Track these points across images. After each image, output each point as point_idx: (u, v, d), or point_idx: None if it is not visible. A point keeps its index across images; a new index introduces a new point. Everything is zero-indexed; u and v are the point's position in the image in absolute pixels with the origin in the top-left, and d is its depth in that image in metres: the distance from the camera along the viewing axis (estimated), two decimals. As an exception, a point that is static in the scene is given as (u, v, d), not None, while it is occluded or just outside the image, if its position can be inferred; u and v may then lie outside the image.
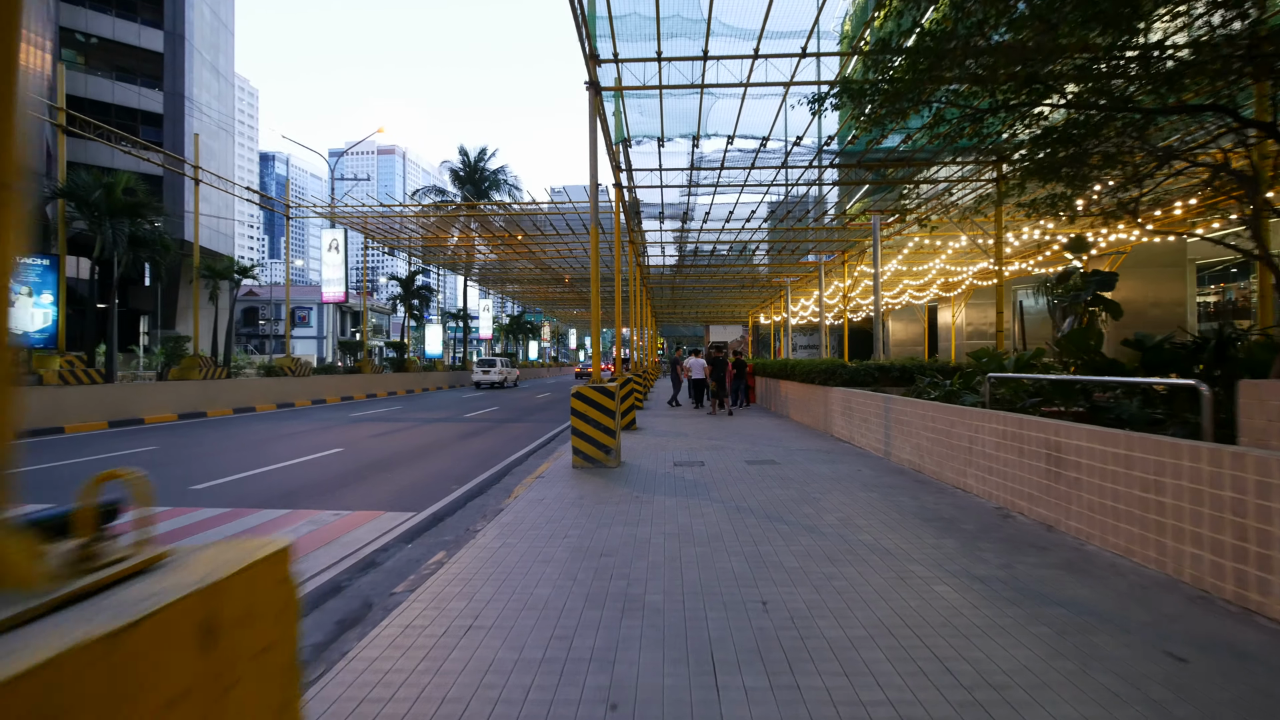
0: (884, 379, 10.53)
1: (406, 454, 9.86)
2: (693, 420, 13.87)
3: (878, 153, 11.87)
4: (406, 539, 5.20)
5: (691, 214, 16.51)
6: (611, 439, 7.77)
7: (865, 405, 9.01)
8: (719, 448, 9.47)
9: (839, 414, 10.33)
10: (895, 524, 4.92)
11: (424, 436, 12.15)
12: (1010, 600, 3.34)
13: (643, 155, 12.02)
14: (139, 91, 38.12)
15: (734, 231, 18.40)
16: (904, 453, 7.55)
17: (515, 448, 10.67)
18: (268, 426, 13.85)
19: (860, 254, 20.51)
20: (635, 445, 9.83)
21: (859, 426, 9.28)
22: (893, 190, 15.07)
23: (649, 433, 11.56)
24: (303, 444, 10.94)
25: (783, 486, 6.47)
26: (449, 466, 8.73)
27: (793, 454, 8.73)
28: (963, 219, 14.49)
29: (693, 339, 78.63)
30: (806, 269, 26.06)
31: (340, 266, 24.68)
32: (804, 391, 12.74)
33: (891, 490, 6.19)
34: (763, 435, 11.02)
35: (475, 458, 9.56)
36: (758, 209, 16.00)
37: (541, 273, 34.25)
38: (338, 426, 13.85)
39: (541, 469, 7.91)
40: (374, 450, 10.23)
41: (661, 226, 18.20)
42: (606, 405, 7.75)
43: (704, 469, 7.62)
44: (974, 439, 5.86)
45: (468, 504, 6.49)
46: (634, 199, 16.09)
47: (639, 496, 6.11)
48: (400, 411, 17.93)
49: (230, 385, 17.14)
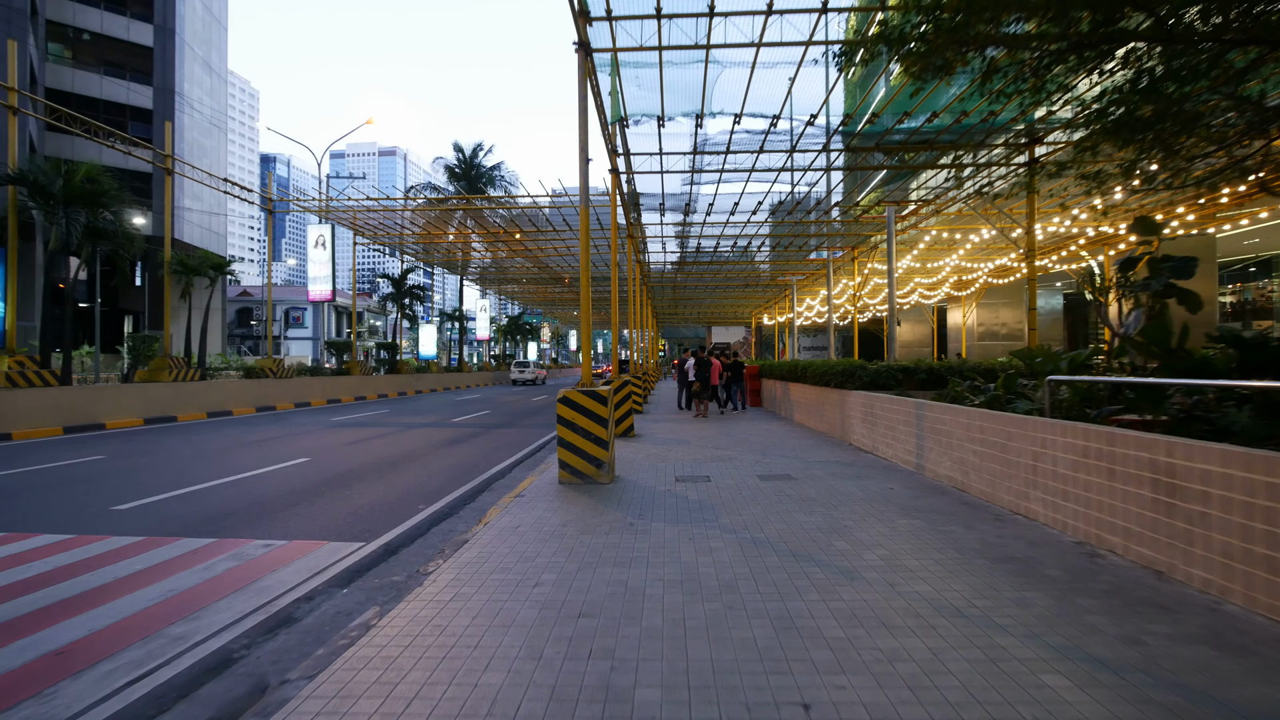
0: (909, 382, 9.50)
1: (378, 465, 8.85)
2: (696, 426, 12.85)
3: (897, 135, 10.85)
4: (343, 581, 4.18)
5: (694, 205, 15.50)
6: (604, 451, 6.75)
7: (892, 412, 7.98)
8: (726, 458, 8.45)
9: (859, 421, 9.30)
10: (957, 566, 3.89)
11: (403, 444, 11.14)
12: (1172, 712, 2.31)
13: (641, 138, 11.03)
14: (128, 86, 37.26)
15: (739, 225, 17.39)
16: (942, 467, 6.52)
17: (500, 457, 9.65)
18: (239, 432, 12.85)
19: (872, 249, 19.50)
20: (632, 456, 8.81)
21: (884, 435, 8.25)
22: (910, 179, 14.05)
23: (648, 440, 10.54)
24: (267, 453, 9.93)
25: (805, 510, 5.44)
26: (421, 481, 7.72)
27: (810, 467, 7.70)
28: (987, 209, 13.45)
29: (694, 340, 77.67)
30: (814, 267, 25.04)
31: (328, 264, 23.70)
32: (817, 395, 11.72)
33: (938, 516, 5.16)
34: (773, 444, 9.99)
35: (453, 470, 8.54)
36: (764, 200, 14.98)
37: (540, 271, 33.27)
38: (313, 432, 12.85)
39: (524, 484, 6.90)
40: (343, 460, 9.22)
41: (662, 220, 17.20)
42: (598, 412, 6.73)
43: (710, 486, 6.59)
44: (1040, 455, 4.82)
45: (431, 530, 5.47)
46: (633, 190, 15.09)
47: (634, 523, 5.08)
48: (386, 416, 16.93)
49: (205, 388, 16.15)
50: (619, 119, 10.16)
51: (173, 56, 38.63)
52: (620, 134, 10.74)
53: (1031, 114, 10.34)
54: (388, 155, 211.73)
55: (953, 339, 36.28)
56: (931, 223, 16.27)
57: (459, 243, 29.30)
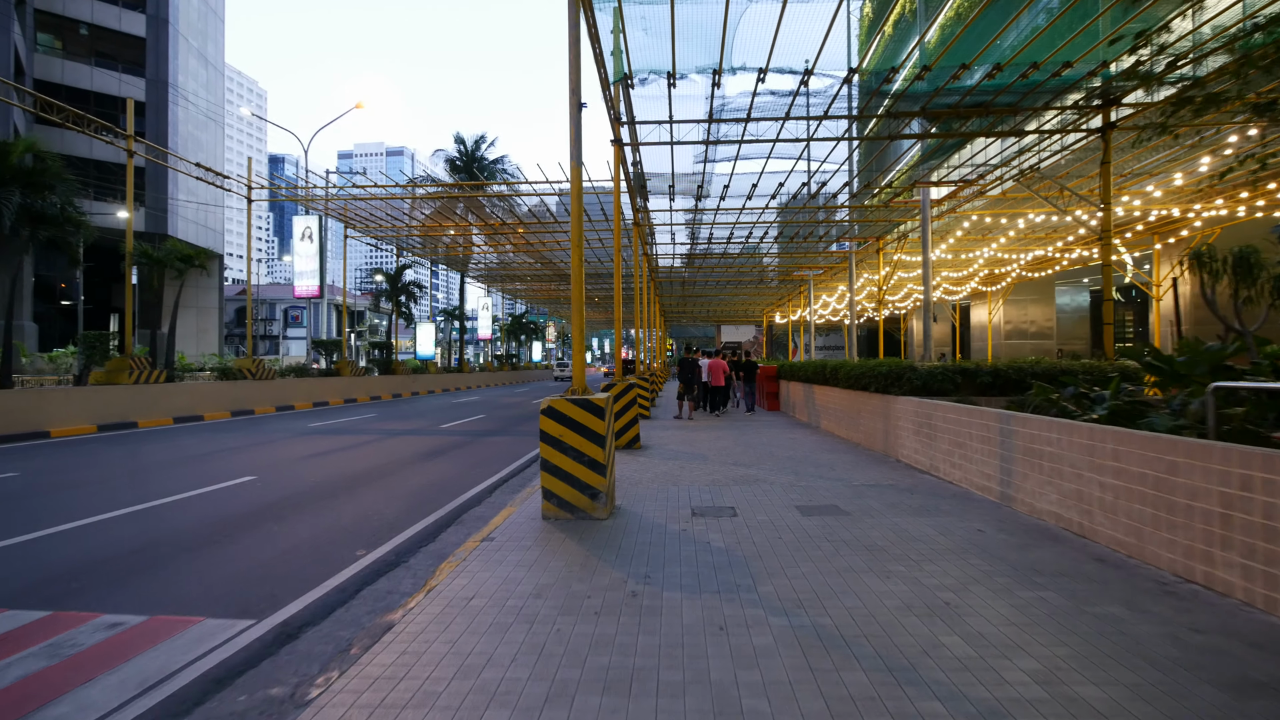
0: (969, 386, 7.94)
1: (334, 485, 7.40)
2: (711, 435, 11.32)
3: (948, 96, 9.26)
4: (188, 701, 2.70)
5: (707, 189, 13.96)
6: (600, 477, 5.24)
7: (961, 424, 6.42)
8: (752, 480, 6.92)
9: (910, 433, 7.74)
10: (1171, 704, 2.35)
11: (376, 456, 9.69)
12: None
13: (648, 103, 9.51)
14: (119, 78, 36.16)
15: (755, 212, 15.84)
16: (1044, 502, 4.97)
17: (482, 475, 8.17)
18: (196, 441, 11.45)
19: (901, 239, 17.88)
20: (637, 475, 7.30)
21: (947, 453, 6.69)
22: (950, 155, 12.43)
23: (656, 454, 9.03)
24: (211, 469, 8.50)
25: (875, 568, 3.91)
26: (377, 509, 6.25)
27: (860, 494, 6.16)
28: (1044, 185, 11.81)
29: (703, 340, 76.13)
30: (833, 260, 23.43)
31: (314, 258, 22.33)
32: (850, 401, 10.17)
33: (1074, 585, 3.61)
34: (805, 458, 8.44)
35: (422, 492, 7.07)
36: (786, 181, 13.42)
37: (543, 268, 31.82)
38: (280, 441, 11.43)
39: (500, 518, 5.41)
40: (295, 479, 7.77)
41: (671, 206, 15.68)
42: (593, 428, 5.23)
43: (737, 523, 5.08)
44: (1237, 501, 3.27)
45: (359, 594, 3.99)
46: (639, 173, 13.59)
47: (637, 592, 3.58)
48: (370, 421, 15.52)
49: (172, 390, 14.79)
50: (622, 77, 8.65)
51: (166, 47, 37.51)
52: (624, 97, 9.23)
53: (1107, 70, 8.75)
54: (395, 155, 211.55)
55: (976, 338, 34.49)
56: (971, 206, 14.64)
57: (459, 237, 27.91)
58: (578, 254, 5.52)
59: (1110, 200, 9.18)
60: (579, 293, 5.51)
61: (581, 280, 5.54)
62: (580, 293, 5.51)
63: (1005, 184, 12.41)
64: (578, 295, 5.51)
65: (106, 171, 36.31)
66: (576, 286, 5.52)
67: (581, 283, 5.54)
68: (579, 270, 5.51)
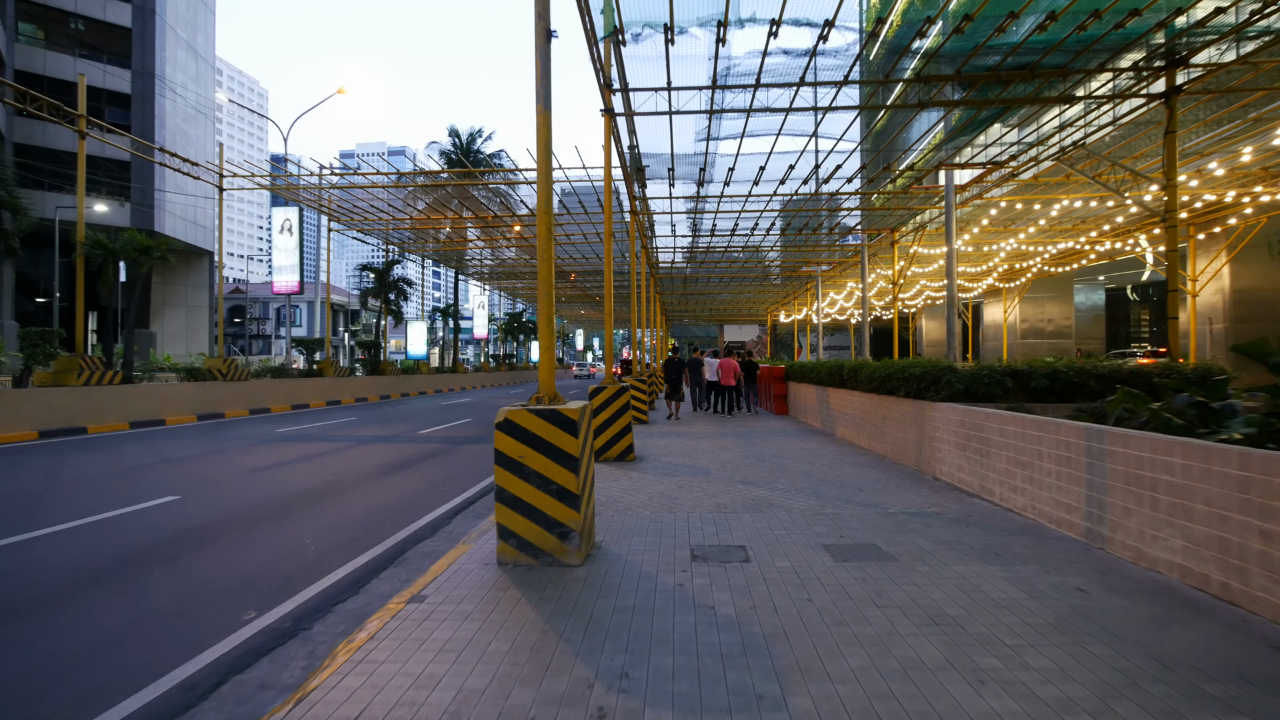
0: (1020, 391, 6.71)
1: (267, 508, 6.20)
2: (714, 444, 10.11)
3: (991, 52, 8.02)
4: None
5: (710, 173, 12.75)
6: (573, 511, 4.04)
7: (1023, 439, 5.20)
8: (764, 503, 5.71)
9: (952, 446, 6.52)
10: None
11: (334, 469, 8.50)
12: None
13: (644, 64, 8.30)
14: (104, 69, 35.08)
15: (763, 199, 14.62)
16: (1163, 549, 3.74)
17: (450, 492, 6.97)
18: (142, 450, 10.28)
19: (918, 230, 16.64)
20: (626, 497, 6.09)
21: (1006, 473, 5.47)
22: (977, 134, 11.20)
23: (651, 468, 7.82)
24: (133, 487, 7.31)
25: (957, 663, 2.69)
26: (303, 543, 5.05)
27: (903, 527, 4.94)
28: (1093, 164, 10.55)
29: (705, 340, 74.97)
30: (844, 254, 22.20)
31: (294, 252, 21.17)
32: (874, 407, 8.95)
33: (1272, 701, 2.39)
34: (825, 474, 7.22)
35: (368, 518, 5.87)
36: (797, 162, 12.20)
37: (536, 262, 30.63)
38: (233, 451, 10.24)
39: (445, 560, 4.22)
40: (223, 501, 6.58)
41: (671, 194, 14.47)
42: (563, 448, 4.03)
43: (751, 574, 3.86)
44: None
45: (215, 692, 2.78)
46: (635, 156, 12.40)
47: (605, 713, 2.36)
48: (346, 426, 14.34)
49: (129, 393, 13.63)
50: (612, 32, 7.45)
51: (153, 38, 36.47)
52: (615, 59, 8.03)
53: (1172, 25, 7.53)
54: (396, 154, 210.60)
55: (990, 337, 33.16)
56: (999, 193, 13.41)
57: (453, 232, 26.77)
58: (545, 223, 4.31)
59: (1175, 176, 7.94)
60: (547, 272, 4.31)
61: (550, 257, 4.34)
62: (548, 272, 4.31)
63: (1042, 164, 11.16)
64: (545, 274, 4.31)
65: (95, 166, 35.26)
66: (544, 264, 4.31)
67: (550, 259, 4.34)
68: (547, 243, 4.31)
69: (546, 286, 4.33)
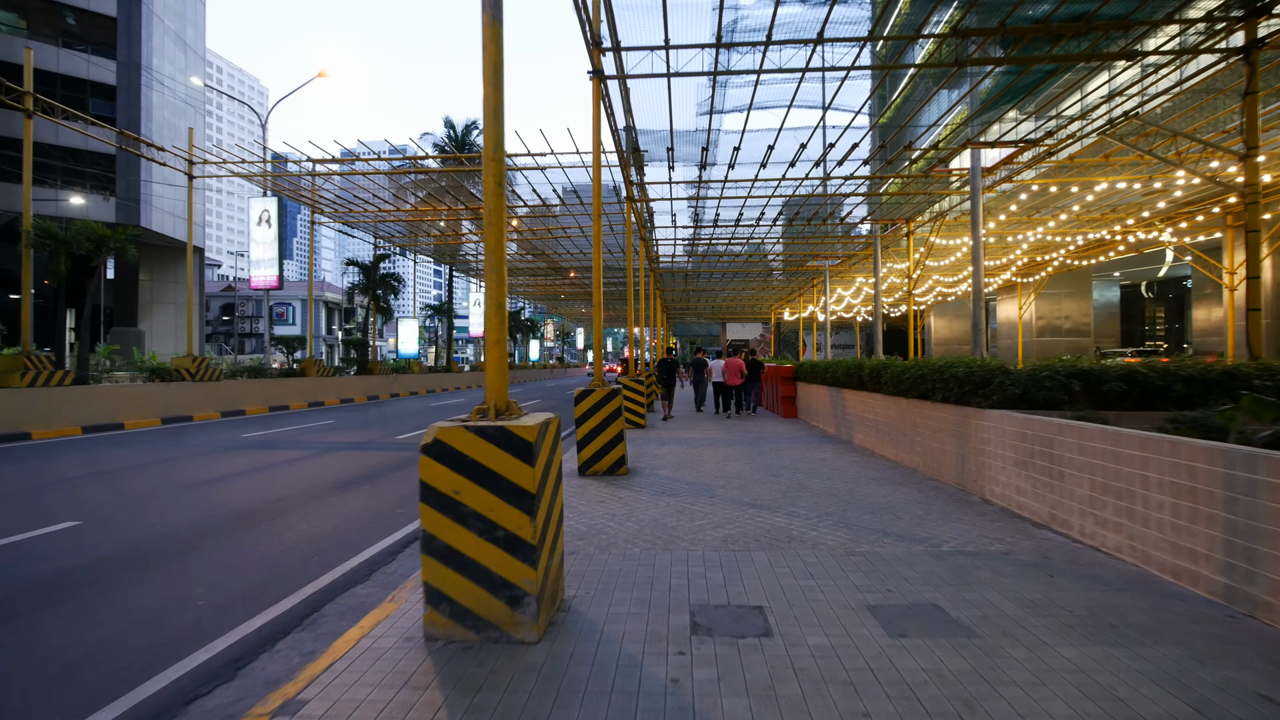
0: (1086, 396, 5.58)
1: (177, 539, 5.10)
2: (719, 454, 8.98)
3: (1040, 1, 6.87)
4: None
5: (713, 152, 11.62)
6: (528, 569, 2.92)
7: (1117, 459, 4.06)
8: (783, 536, 4.58)
9: (1008, 463, 5.38)
10: None
11: (282, 484, 7.40)
12: None
13: (637, 18, 7.18)
14: (89, 60, 34.08)
15: (770, 185, 13.47)
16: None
17: (400, 519, 5.84)
18: (74, 460, 9.20)
19: (935, 219, 15.46)
20: (615, 525, 4.97)
21: (1091, 501, 4.34)
22: (1016, 101, 10.04)
23: (645, 483, 6.70)
24: (35, 508, 6.21)
25: None
26: (201, 590, 3.94)
27: (965, 575, 3.80)
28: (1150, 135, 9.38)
29: (707, 339, 73.84)
30: (853, 246, 21.04)
31: (272, 245, 20.10)
32: (903, 412, 7.82)
33: None
34: (850, 493, 6.09)
35: (296, 552, 4.77)
36: (809, 141, 11.06)
37: (534, 259, 29.54)
38: (179, 461, 9.15)
39: (361, 629, 3.11)
40: (129, 528, 5.49)
41: (671, 178, 13.34)
42: (514, 480, 2.92)
43: (774, 660, 2.73)
44: None
45: None
46: (632, 138, 11.28)
47: None
48: (320, 430, 13.25)
49: (83, 395, 12.56)
50: (599, -27, 6.32)
51: (139, 28, 35.41)
52: (605, 10, 6.90)
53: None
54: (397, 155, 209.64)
55: (1004, 335, 31.88)
56: (1031, 175, 12.24)
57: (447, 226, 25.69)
58: (494, 172, 3.20)
59: (1258, 141, 6.78)
60: (496, 239, 3.20)
61: (500, 220, 3.23)
62: (498, 238, 3.20)
63: (1085, 139, 9.99)
64: (494, 241, 3.20)
65: (79, 159, 34.29)
66: (492, 228, 3.20)
67: (500, 223, 3.22)
68: (496, 200, 3.20)
69: (496, 258, 3.21)
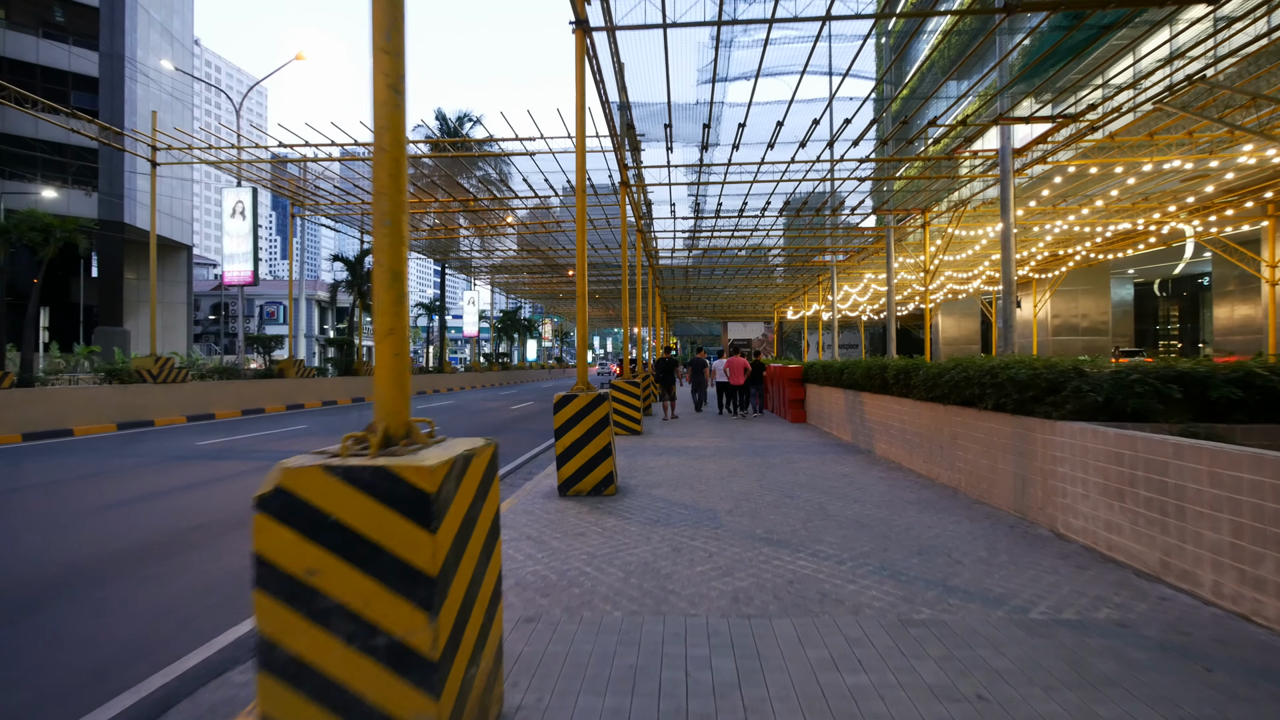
0: (1188, 405, 4.43)
1: (46, 580, 3.98)
2: (722, 463, 7.83)
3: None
4: None
5: (716, 128, 10.49)
6: (427, 701, 1.79)
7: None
8: (814, 592, 3.43)
9: (1094, 490, 4.24)
10: None
11: (206, 508, 6.27)
12: None
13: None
14: (70, 50, 33.03)
15: (778, 169, 12.35)
16: None
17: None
18: (-5, 474, 8.10)
19: (954, 208, 14.32)
20: (588, 574, 3.83)
21: (1234, 554, 3.20)
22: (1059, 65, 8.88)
23: (638, 507, 5.56)
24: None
25: None
26: (33, 669, 2.82)
27: (1085, 665, 2.67)
28: (1230, 95, 8.23)
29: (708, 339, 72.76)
30: (863, 239, 19.90)
31: (247, 238, 18.97)
32: (939, 421, 6.69)
33: None
34: (888, 524, 4.96)
35: (173, 613, 3.65)
36: (824, 114, 9.92)
37: (529, 255, 28.42)
38: (107, 475, 8.03)
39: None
40: (2, 562, 4.37)
41: (669, 161, 12.21)
42: (402, 555, 1.79)
43: None
44: None
45: None
46: (625, 115, 10.16)
47: None
48: (286, 437, 12.14)
49: (26, 399, 11.46)
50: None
51: (123, 18, 34.37)
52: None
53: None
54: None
55: (1017, 334, 30.77)
56: (1066, 155, 11.09)
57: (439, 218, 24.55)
58: (386, 70, 2.07)
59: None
60: (390, 170, 2.07)
61: (397, 150, 2.11)
62: (394, 171, 2.08)
63: (1138, 109, 8.82)
64: (386, 177, 2.07)
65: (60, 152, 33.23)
66: (385, 161, 2.08)
67: (397, 155, 2.10)
68: (391, 114, 2.07)
69: (390, 203, 2.09)
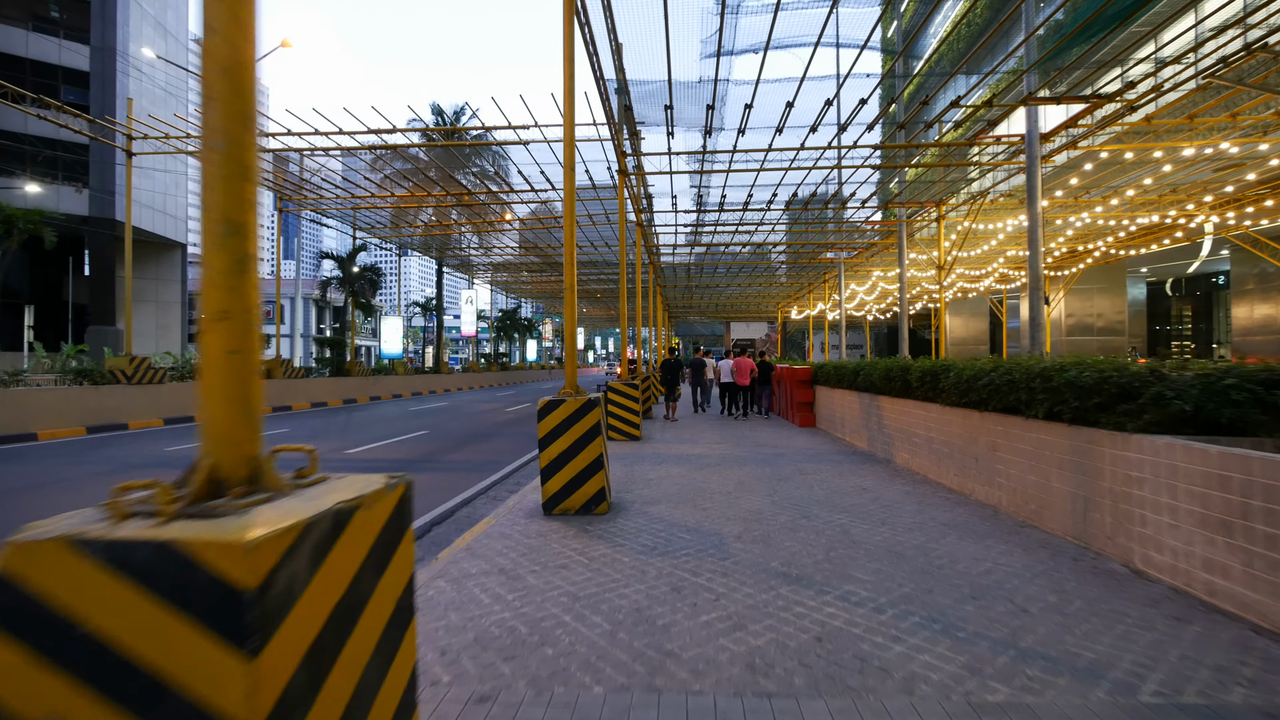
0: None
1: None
2: (728, 474, 7.07)
3: None
4: None
5: (721, 110, 9.73)
6: None
7: None
8: (850, 656, 2.66)
9: (1185, 521, 3.47)
10: None
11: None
12: None
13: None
14: (60, 44, 32.42)
15: (787, 156, 11.58)
16: None
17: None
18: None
19: (972, 200, 13.54)
20: (564, 625, 3.05)
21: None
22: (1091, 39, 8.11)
23: (630, 530, 4.80)
24: None
25: None
26: None
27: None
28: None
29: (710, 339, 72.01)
30: (874, 233, 19.11)
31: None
32: (975, 429, 5.93)
33: None
34: (928, 554, 4.20)
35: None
36: (836, 99, 9.16)
37: (526, 252, 27.69)
38: (46, 487, 7.31)
39: None
40: None
41: (670, 146, 11.46)
42: (204, 699, 1.03)
43: None
44: None
45: None
46: (624, 104, 9.42)
47: None
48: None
49: (-19, 401, 10.77)
50: None
51: (114, 12, 33.73)
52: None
53: None
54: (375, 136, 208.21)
55: (1027, 334, 29.95)
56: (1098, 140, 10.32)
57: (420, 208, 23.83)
58: None
59: None
60: (224, 62, 1.32)
61: (243, 50, 1.34)
62: (242, 114, 1.32)
63: (1182, 86, 8.03)
64: (218, 80, 1.32)
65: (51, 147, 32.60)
66: (214, 65, 1.32)
67: (242, 56, 1.34)
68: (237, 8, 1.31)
69: (232, 125, 1.35)
